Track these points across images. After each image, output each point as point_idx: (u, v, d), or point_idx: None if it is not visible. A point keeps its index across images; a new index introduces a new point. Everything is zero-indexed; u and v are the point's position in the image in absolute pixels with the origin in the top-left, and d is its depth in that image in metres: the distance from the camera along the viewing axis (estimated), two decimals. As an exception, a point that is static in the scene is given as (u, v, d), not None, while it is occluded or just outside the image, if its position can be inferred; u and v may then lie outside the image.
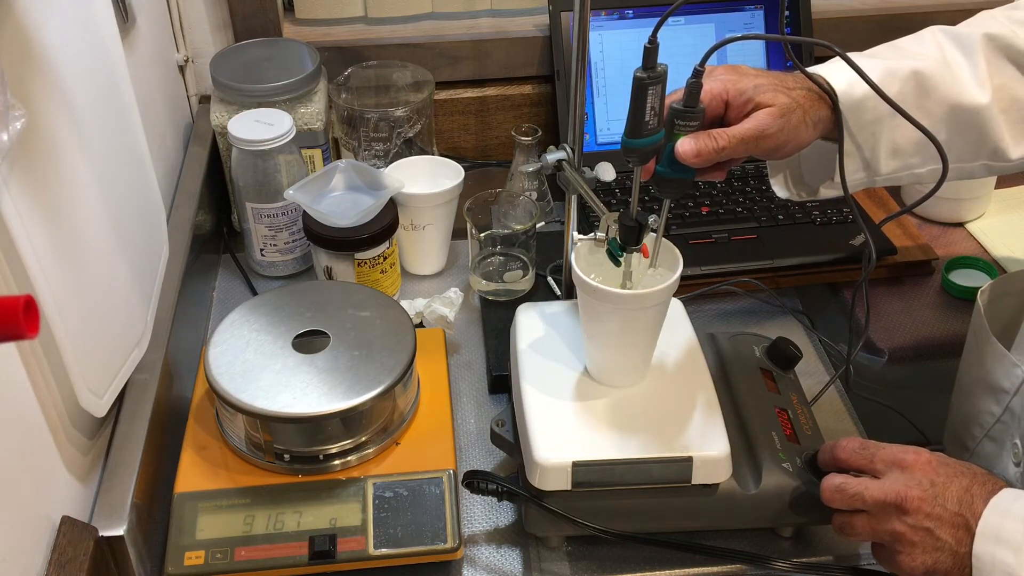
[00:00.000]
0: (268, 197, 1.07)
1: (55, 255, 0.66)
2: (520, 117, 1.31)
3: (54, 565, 0.66)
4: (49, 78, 0.67)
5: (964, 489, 0.69)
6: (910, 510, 0.69)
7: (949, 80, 0.83)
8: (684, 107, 0.74)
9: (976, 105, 0.83)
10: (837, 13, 1.32)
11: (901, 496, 0.69)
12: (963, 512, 0.68)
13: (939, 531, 0.69)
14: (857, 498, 0.72)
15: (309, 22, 1.29)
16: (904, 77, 0.83)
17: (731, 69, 0.81)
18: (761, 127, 0.77)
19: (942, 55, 0.85)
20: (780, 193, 0.91)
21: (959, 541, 0.68)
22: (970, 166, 0.87)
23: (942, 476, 0.70)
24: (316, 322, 0.87)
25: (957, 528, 0.68)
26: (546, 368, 0.84)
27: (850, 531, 0.74)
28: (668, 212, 0.78)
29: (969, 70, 0.84)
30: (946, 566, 0.69)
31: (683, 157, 0.75)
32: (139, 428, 0.80)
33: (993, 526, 0.67)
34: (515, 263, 1.08)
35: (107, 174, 0.77)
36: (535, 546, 0.84)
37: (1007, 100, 0.83)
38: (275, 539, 0.78)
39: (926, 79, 0.83)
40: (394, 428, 0.86)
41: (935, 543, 0.69)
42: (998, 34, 0.84)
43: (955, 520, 0.68)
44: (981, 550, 0.67)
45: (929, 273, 1.13)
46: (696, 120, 0.74)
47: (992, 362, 0.83)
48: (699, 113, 0.74)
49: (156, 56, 1.11)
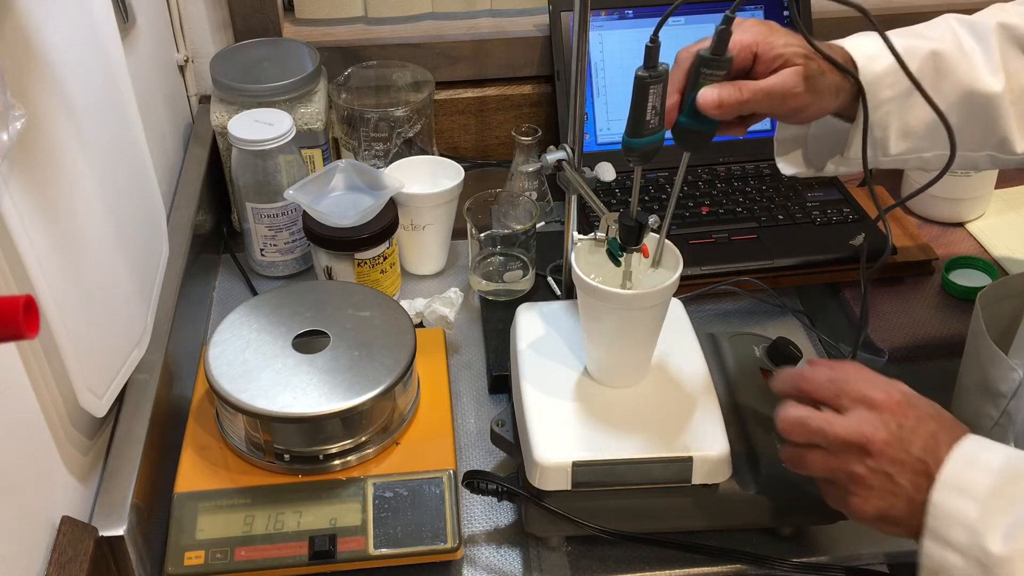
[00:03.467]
0: (268, 197, 1.07)
1: (55, 255, 0.66)
2: (520, 117, 1.31)
3: (54, 565, 0.66)
4: (49, 78, 0.67)
5: (931, 434, 0.66)
6: (874, 453, 0.66)
7: (965, 65, 0.82)
8: (712, 55, 0.71)
9: (989, 92, 0.82)
10: (837, 13, 1.32)
11: (867, 437, 0.66)
12: (926, 458, 0.65)
13: (899, 476, 0.65)
14: (819, 434, 0.68)
15: (309, 22, 1.29)
16: (923, 56, 0.81)
17: (763, 23, 0.79)
18: (788, 84, 0.76)
19: (958, 40, 0.83)
20: (785, 170, 0.89)
21: (917, 487, 0.65)
22: (975, 155, 0.86)
23: (911, 419, 0.66)
24: (316, 322, 0.87)
25: (917, 474, 0.65)
26: (546, 368, 0.84)
27: (802, 465, 0.70)
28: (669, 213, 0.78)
29: (983, 57, 0.82)
30: (900, 512, 0.66)
31: (704, 107, 0.72)
32: (139, 428, 0.80)
33: (957, 474, 0.63)
34: (515, 263, 1.08)
35: (107, 174, 0.77)
36: (535, 546, 0.84)
37: (1018, 91, 0.82)
38: (275, 539, 0.78)
39: (943, 60, 0.82)
40: (394, 428, 0.86)
41: (893, 488, 0.66)
42: (1012, 24, 0.83)
43: (917, 466, 0.65)
44: (940, 498, 0.63)
45: (929, 273, 1.13)
46: (723, 69, 0.72)
47: (990, 366, 0.83)
48: (726, 62, 0.72)
49: (156, 56, 1.11)
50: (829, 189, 1.19)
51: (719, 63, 0.72)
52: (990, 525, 0.61)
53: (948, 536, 0.63)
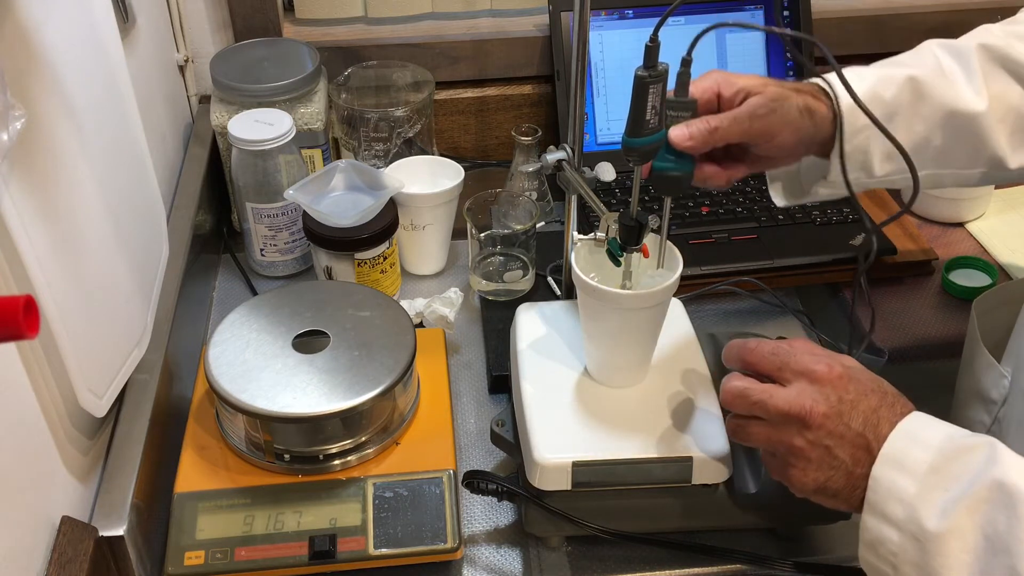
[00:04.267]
0: (268, 197, 1.07)
1: (55, 255, 0.66)
2: (520, 117, 1.31)
3: (54, 565, 0.66)
4: (49, 78, 0.67)
5: (872, 410, 0.66)
6: (813, 426, 0.66)
7: (944, 86, 0.83)
8: (676, 98, 0.74)
9: (972, 112, 0.83)
10: (837, 13, 1.32)
11: (806, 410, 0.66)
12: (866, 433, 0.66)
13: (838, 450, 0.66)
14: (759, 406, 0.69)
15: (309, 22, 1.29)
16: (900, 83, 0.83)
17: (722, 71, 0.83)
18: (752, 107, 0.78)
19: (938, 64, 0.85)
20: (778, 201, 0.91)
21: (856, 461, 0.66)
22: (968, 173, 0.87)
23: (851, 393, 0.67)
24: (316, 322, 0.87)
25: (857, 448, 0.66)
26: (546, 368, 0.84)
27: (744, 437, 0.71)
28: (669, 212, 0.78)
29: (964, 78, 0.84)
30: (838, 485, 0.67)
31: (676, 141, 0.74)
32: (139, 428, 0.80)
33: (898, 451, 0.64)
34: (515, 263, 1.08)
35: (107, 174, 0.77)
36: (535, 546, 0.84)
37: (1004, 109, 0.84)
38: (275, 539, 0.78)
39: (921, 84, 0.83)
40: (394, 428, 0.86)
41: (832, 461, 0.66)
42: (993, 45, 0.84)
43: (857, 440, 0.66)
44: (880, 473, 0.64)
45: (929, 273, 1.13)
46: (688, 110, 0.74)
47: (982, 372, 0.83)
48: (691, 104, 0.74)
49: (156, 56, 1.11)
50: (829, 189, 1.19)
51: (684, 104, 0.74)
52: (926, 502, 0.62)
53: (886, 510, 0.64)
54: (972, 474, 0.62)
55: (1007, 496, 0.60)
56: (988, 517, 0.60)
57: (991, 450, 0.63)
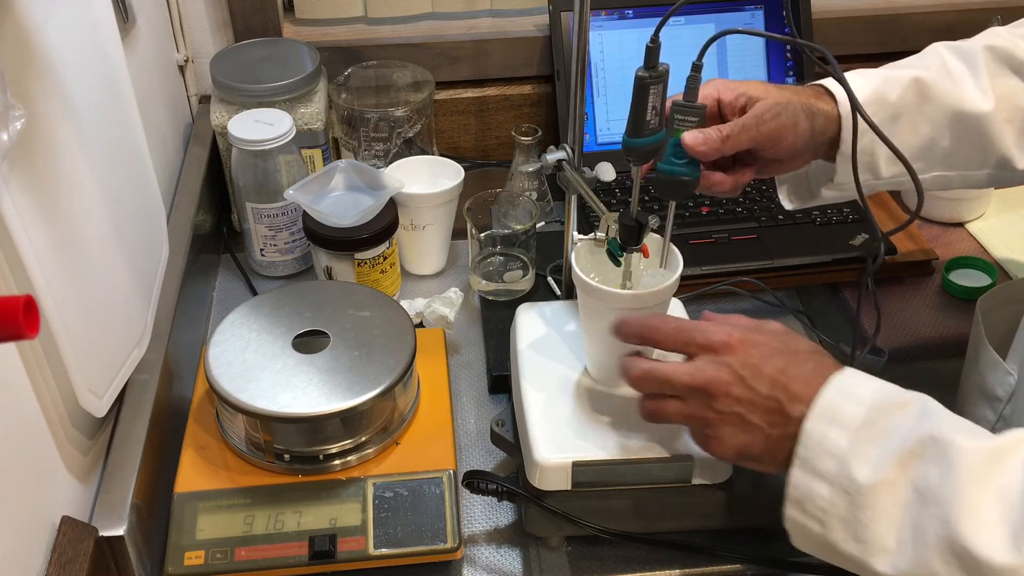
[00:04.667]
0: (268, 197, 1.07)
1: (55, 255, 0.66)
2: (520, 117, 1.31)
3: (54, 565, 0.66)
4: (49, 78, 0.67)
5: (779, 370, 0.67)
6: (719, 395, 0.68)
7: (950, 87, 0.84)
8: (684, 102, 0.74)
9: (978, 112, 0.83)
10: (837, 13, 1.32)
11: (709, 380, 0.68)
12: (775, 394, 0.67)
13: (750, 415, 0.67)
14: (666, 384, 0.70)
15: (309, 22, 1.29)
16: (905, 84, 0.83)
17: (722, 79, 0.84)
18: (757, 113, 0.79)
19: (944, 65, 0.85)
20: (787, 204, 0.92)
21: (771, 423, 0.67)
22: (976, 174, 0.87)
23: (754, 358, 0.68)
24: (316, 322, 0.87)
25: (769, 412, 0.67)
26: (546, 368, 0.84)
27: (663, 417, 0.72)
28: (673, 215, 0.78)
29: (971, 78, 0.84)
30: (758, 448, 0.68)
31: (691, 146, 0.75)
32: (139, 428, 0.80)
33: (831, 405, 0.65)
34: (515, 263, 1.08)
35: (107, 174, 0.77)
36: (535, 546, 0.84)
37: (1011, 110, 0.84)
38: (275, 539, 0.78)
39: (926, 86, 0.83)
40: (394, 428, 0.86)
41: (745, 427, 0.68)
42: (999, 46, 0.85)
43: (766, 403, 0.67)
44: (813, 428, 0.64)
45: (929, 273, 1.13)
46: (696, 115, 0.74)
47: (987, 370, 0.83)
48: (700, 109, 0.74)
49: (156, 56, 1.11)
50: (829, 189, 1.19)
51: (692, 110, 0.74)
52: (858, 455, 0.63)
53: (817, 465, 0.64)
54: (905, 428, 0.63)
55: (940, 450, 0.61)
56: (920, 471, 0.61)
57: (924, 405, 0.65)
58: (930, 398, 0.65)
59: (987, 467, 0.60)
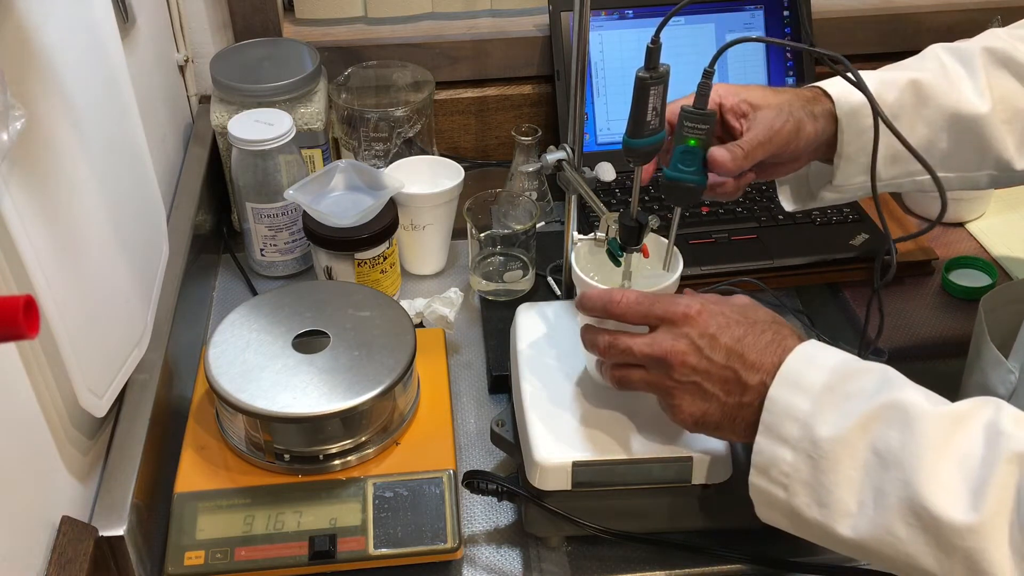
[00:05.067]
0: (268, 197, 1.07)
1: (55, 255, 0.66)
2: (520, 117, 1.31)
3: (54, 565, 0.66)
4: (49, 78, 0.67)
5: (736, 339, 0.69)
6: (675, 364, 0.69)
7: (947, 88, 0.84)
8: (695, 108, 0.73)
9: (975, 114, 0.83)
10: (837, 13, 1.32)
11: (666, 351, 0.69)
12: (731, 364, 0.68)
13: (706, 384, 0.69)
14: (628, 353, 0.72)
15: (309, 22, 1.29)
16: (902, 86, 0.84)
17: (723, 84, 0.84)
18: (768, 123, 0.80)
19: (941, 67, 0.85)
20: (787, 206, 0.92)
21: (728, 392, 0.68)
22: (974, 175, 0.87)
23: (712, 328, 0.69)
24: (316, 322, 0.87)
25: (725, 381, 0.68)
26: (546, 368, 0.84)
27: (627, 384, 0.74)
28: (669, 213, 0.78)
29: (968, 80, 0.84)
30: (716, 417, 0.69)
31: (720, 163, 0.76)
32: (139, 428, 0.80)
33: (794, 371, 0.66)
34: (515, 263, 1.08)
35: (107, 174, 0.77)
36: (535, 546, 0.84)
37: (1009, 111, 0.84)
38: (275, 539, 0.78)
39: (923, 88, 0.84)
40: (394, 428, 0.86)
41: (703, 395, 0.69)
42: (998, 47, 0.85)
43: (723, 373, 0.68)
44: (776, 393, 0.66)
45: (929, 273, 1.13)
46: (706, 123, 0.73)
47: (989, 368, 0.83)
48: (710, 116, 0.73)
49: (156, 56, 1.11)
50: (829, 189, 1.19)
51: (702, 116, 0.73)
52: (820, 419, 0.64)
53: (781, 430, 0.65)
54: (867, 393, 0.64)
55: (901, 413, 0.62)
56: (879, 433, 0.62)
57: (884, 373, 0.65)
58: (892, 368, 0.66)
59: (948, 431, 0.61)
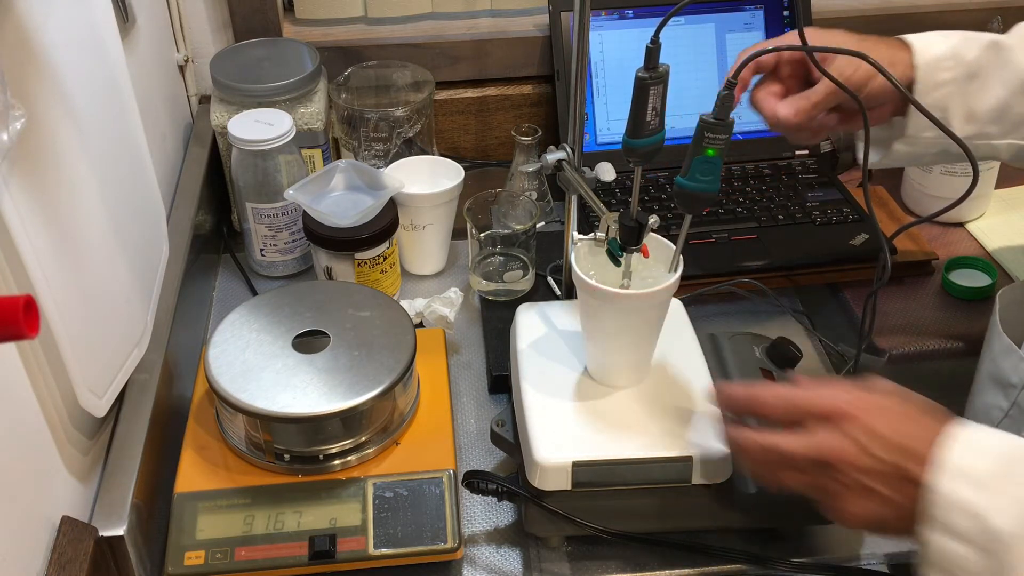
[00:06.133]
0: (268, 197, 1.07)
1: (55, 255, 0.66)
2: (520, 117, 1.31)
3: (54, 565, 0.66)
4: (49, 78, 0.67)
5: (895, 431, 0.64)
6: (838, 466, 0.65)
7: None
8: (715, 119, 0.70)
9: None
10: (837, 13, 1.32)
11: (823, 453, 0.65)
12: (895, 459, 0.63)
13: (873, 483, 0.64)
14: (786, 459, 0.67)
15: (309, 22, 1.29)
16: (983, 44, 0.83)
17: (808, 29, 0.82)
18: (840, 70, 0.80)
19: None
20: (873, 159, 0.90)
21: (894, 489, 0.64)
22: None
23: (871, 421, 0.65)
24: (316, 322, 0.87)
25: (893, 478, 0.64)
26: (546, 368, 0.84)
27: (778, 485, 0.70)
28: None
29: None
30: (883, 516, 0.65)
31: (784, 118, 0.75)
32: (139, 428, 0.80)
33: (958, 461, 0.61)
34: (515, 263, 1.08)
35: (107, 174, 0.77)
36: (535, 546, 0.84)
37: None
38: (275, 539, 0.78)
39: (1005, 50, 0.83)
40: (394, 428, 0.86)
41: (870, 495, 0.64)
42: None
43: (890, 470, 0.63)
44: (940, 485, 0.61)
45: (929, 273, 1.13)
46: (726, 133, 0.70)
47: (1002, 357, 0.83)
48: (728, 127, 0.70)
49: (156, 56, 1.11)
50: (829, 189, 1.19)
51: (722, 127, 0.70)
52: (994, 509, 0.60)
53: (950, 523, 0.61)
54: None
55: None
56: None
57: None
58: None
59: None
